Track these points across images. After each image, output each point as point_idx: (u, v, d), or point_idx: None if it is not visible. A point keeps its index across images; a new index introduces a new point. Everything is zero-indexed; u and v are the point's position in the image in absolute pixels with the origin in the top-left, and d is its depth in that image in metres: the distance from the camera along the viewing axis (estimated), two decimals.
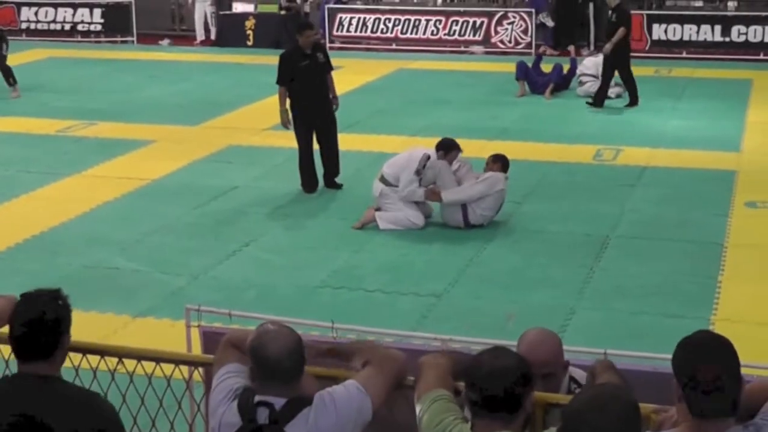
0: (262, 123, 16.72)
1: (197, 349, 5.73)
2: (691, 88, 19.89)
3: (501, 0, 26.82)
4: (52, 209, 12.35)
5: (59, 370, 3.93)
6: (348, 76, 19.73)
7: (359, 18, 25.71)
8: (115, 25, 26.76)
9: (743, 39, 23.17)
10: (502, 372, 3.61)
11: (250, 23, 25.60)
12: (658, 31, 23.63)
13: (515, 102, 18.67)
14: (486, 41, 24.72)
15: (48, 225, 11.76)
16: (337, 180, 13.18)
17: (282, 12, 25.72)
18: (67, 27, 27.07)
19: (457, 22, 25.03)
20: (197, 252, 10.93)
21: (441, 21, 25.19)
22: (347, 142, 14.09)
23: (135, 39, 26.49)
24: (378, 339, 6.30)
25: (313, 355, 4.18)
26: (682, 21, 23.66)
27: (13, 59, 20.17)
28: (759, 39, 23.08)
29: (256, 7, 26.06)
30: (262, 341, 3.92)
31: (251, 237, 11.35)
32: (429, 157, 11.50)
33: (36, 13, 27.30)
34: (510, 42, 24.48)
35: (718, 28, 23.26)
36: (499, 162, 11.71)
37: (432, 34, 25.17)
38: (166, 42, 26.69)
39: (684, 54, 23.39)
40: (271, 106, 17.33)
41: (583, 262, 10.51)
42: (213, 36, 26.32)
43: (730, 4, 25.51)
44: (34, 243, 11.26)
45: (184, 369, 4.85)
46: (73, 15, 27.07)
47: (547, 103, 18.49)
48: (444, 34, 25.09)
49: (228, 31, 25.90)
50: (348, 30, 25.70)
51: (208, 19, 26.52)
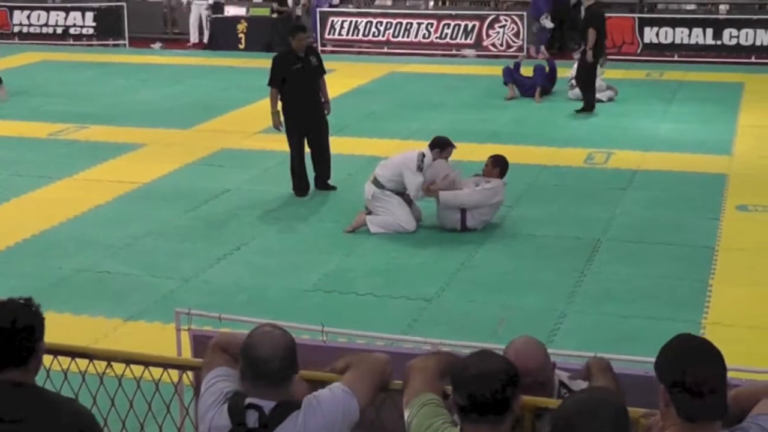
0: (253, 126, 16.72)
1: (187, 353, 5.73)
2: (683, 91, 19.91)
3: (493, 3, 26.85)
4: (43, 213, 12.34)
5: (34, 378, 3.90)
6: (339, 79, 19.74)
7: (351, 21, 25.73)
8: (107, 29, 26.75)
9: (735, 42, 23.20)
10: (489, 375, 3.60)
11: (242, 27, 25.60)
12: (649, 35, 23.66)
13: (506, 105, 18.68)
14: (478, 44, 24.75)
15: (39, 228, 11.74)
16: (329, 182, 13.18)
17: (274, 15, 25.72)
18: (60, 30, 27.04)
19: (449, 25, 25.06)
20: (188, 255, 10.93)
21: (433, 24, 25.21)
22: (338, 145, 14.09)
23: (127, 42, 26.47)
24: (368, 342, 6.32)
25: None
26: (673, 24, 23.69)
27: (5, 63, 20.18)
28: (750, 42, 23.12)
29: (248, 11, 26.07)
30: (253, 341, 3.92)
31: (242, 240, 11.35)
32: (424, 155, 11.52)
33: (28, 17, 27.28)
34: (502, 45, 24.51)
35: (709, 31, 23.29)
36: (499, 167, 11.67)
37: (424, 37, 25.19)
38: (157, 45, 26.68)
39: (675, 57, 23.43)
40: (263, 109, 17.32)
41: (574, 265, 10.51)
42: (205, 39, 26.32)
43: (721, 7, 25.56)
44: (25, 246, 11.25)
45: (173, 372, 4.85)
46: (66, 18, 27.05)
47: (538, 107, 18.50)
48: (436, 37, 25.12)
49: (220, 35, 25.89)
50: (340, 33, 25.70)
51: (203, 22, 26.52)
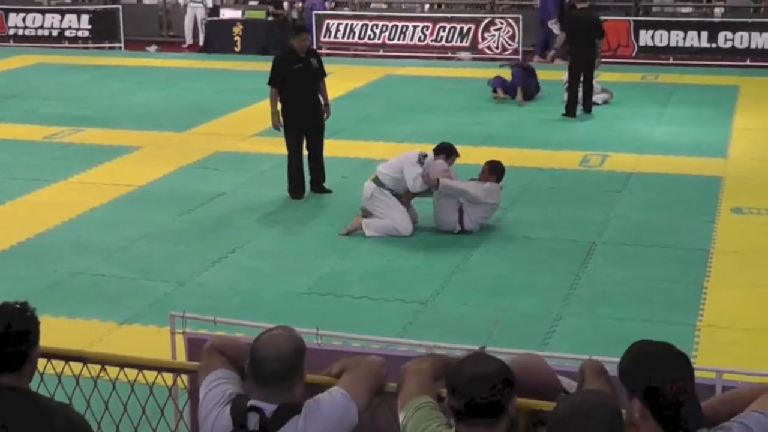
0: (249, 129, 16.73)
1: (182, 356, 5.72)
2: (678, 94, 19.93)
3: (488, 6, 26.86)
4: (38, 216, 12.32)
5: (28, 383, 3.89)
6: (335, 82, 19.67)
7: (347, 24, 25.74)
8: (103, 31, 26.75)
9: (730, 45, 23.24)
10: (483, 377, 3.59)
11: (237, 29, 25.60)
12: (644, 38, 23.69)
13: (501, 108, 18.68)
14: (473, 47, 24.77)
15: (34, 231, 11.73)
16: (325, 185, 13.18)
17: (269, 18, 25.73)
18: (55, 33, 27.06)
19: (445, 28, 25.07)
20: (183, 258, 10.92)
21: (428, 27, 25.22)
22: (334, 148, 14.09)
23: (122, 45, 26.48)
24: (363, 345, 6.31)
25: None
26: (668, 27, 23.73)
27: (0, 65, 20.14)
28: (745, 45, 23.16)
29: (243, 14, 26.09)
30: (260, 342, 3.93)
31: (237, 243, 11.34)
32: (426, 155, 11.54)
33: (24, 19, 27.28)
34: (497, 48, 24.53)
35: (704, 34, 23.32)
36: (495, 175, 11.70)
37: (419, 40, 25.22)
38: (153, 48, 26.68)
39: (671, 60, 23.47)
40: (258, 112, 17.37)
41: (569, 268, 10.51)
42: (201, 41, 26.33)
43: (716, 10, 25.60)
44: (20, 250, 11.24)
45: (167, 376, 4.84)
46: (61, 21, 27.06)
47: (534, 110, 18.50)
48: (431, 40, 25.14)
49: (215, 38, 25.89)
50: (335, 36, 25.72)
51: (198, 25, 26.52)
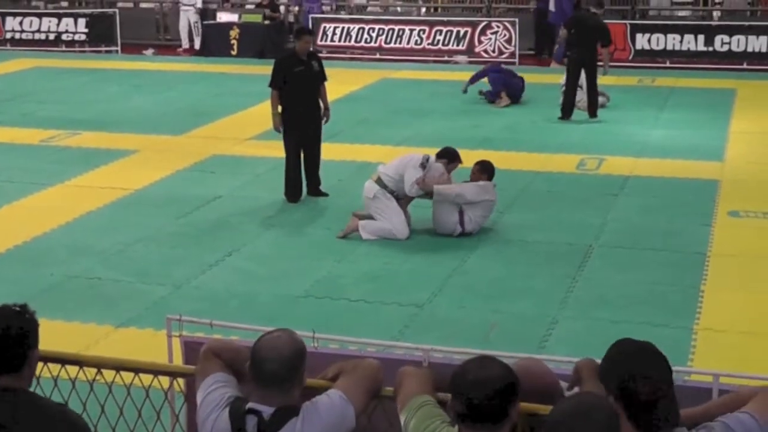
0: (245, 132, 16.73)
1: (179, 359, 5.71)
2: (675, 97, 19.94)
3: (485, 10, 26.88)
4: (34, 219, 12.31)
5: (27, 385, 3.88)
6: (332, 85, 19.46)
7: (343, 28, 25.74)
8: (100, 35, 26.73)
9: (726, 48, 23.25)
10: (487, 381, 3.58)
11: (234, 33, 25.60)
12: (641, 41, 23.70)
13: (498, 112, 18.69)
14: (470, 51, 24.77)
15: (30, 235, 11.72)
16: (321, 188, 13.17)
17: (266, 22, 25.73)
18: (52, 36, 27.01)
19: (441, 31, 25.07)
20: (180, 262, 10.91)
21: (425, 31, 25.23)
22: (330, 151, 14.09)
23: (119, 48, 26.46)
24: (360, 349, 6.30)
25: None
26: (665, 30, 23.74)
27: None
28: (742, 48, 23.18)
29: (240, 17, 26.09)
30: (262, 344, 3.94)
31: (234, 247, 11.33)
32: (429, 158, 11.54)
33: (21, 23, 27.26)
34: (494, 51, 24.53)
35: (701, 37, 23.33)
36: (486, 173, 11.73)
37: (416, 43, 25.22)
38: (150, 51, 26.66)
39: (667, 63, 23.47)
40: (255, 115, 17.39)
41: (566, 271, 10.51)
42: (196, 45, 26.34)
43: (714, 13, 25.62)
44: (16, 253, 11.23)
45: (164, 379, 4.83)
46: (58, 24, 27.02)
47: (530, 113, 18.49)
48: (428, 43, 25.14)
49: (212, 41, 25.89)
50: (332, 39, 25.71)
51: (191, 28, 26.52)
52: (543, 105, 18.99)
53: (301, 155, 13.01)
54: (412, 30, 25.32)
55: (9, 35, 27.27)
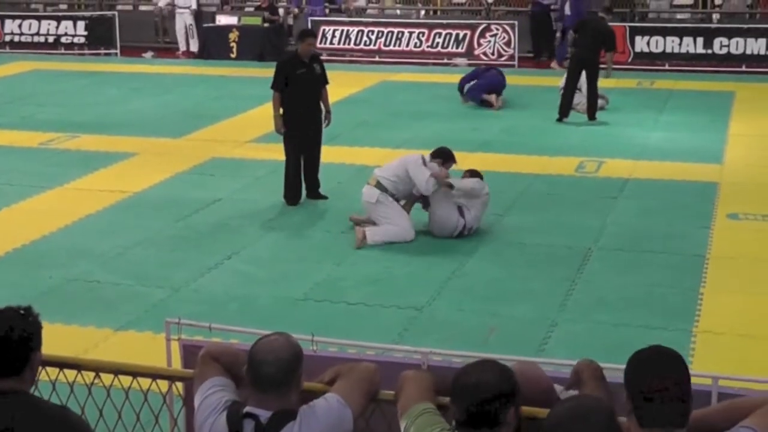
0: (245, 135, 16.73)
1: (178, 363, 5.71)
2: (674, 100, 19.94)
3: (484, 12, 26.89)
4: (34, 222, 12.31)
5: (28, 388, 3.88)
6: (331, 88, 19.46)
7: (342, 30, 25.74)
8: (99, 38, 26.74)
9: (725, 51, 23.25)
10: (478, 387, 3.59)
11: (233, 36, 25.61)
12: (640, 44, 23.70)
13: (497, 114, 18.69)
14: (469, 53, 24.76)
15: (30, 238, 11.71)
16: (320, 191, 13.16)
17: (266, 25, 25.73)
18: (51, 39, 27.02)
19: (440, 34, 25.08)
20: (179, 265, 10.90)
21: (424, 33, 25.23)
22: (330, 154, 14.08)
23: (118, 51, 26.47)
24: (359, 352, 6.30)
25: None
26: (664, 33, 23.74)
27: None
28: (741, 51, 23.16)
29: (239, 20, 26.09)
30: (258, 347, 3.94)
31: (233, 250, 11.33)
32: (425, 158, 11.56)
33: (20, 26, 27.27)
34: (493, 54, 24.52)
35: (700, 40, 23.33)
36: (477, 177, 11.80)
37: (415, 46, 25.22)
38: (149, 54, 26.67)
39: (666, 66, 23.48)
40: (255, 118, 17.39)
41: (565, 274, 10.51)
42: (193, 47, 26.35)
43: (713, 16, 25.62)
44: (15, 256, 11.22)
45: (162, 383, 4.83)
46: (57, 27, 27.03)
47: (529, 116, 18.50)
48: (427, 46, 25.15)
49: (212, 44, 25.90)
50: (331, 42, 25.71)
51: (187, 30, 26.51)
52: (542, 108, 18.97)
53: (301, 158, 13.01)
54: (411, 33, 25.32)
55: (8, 38, 27.27)
